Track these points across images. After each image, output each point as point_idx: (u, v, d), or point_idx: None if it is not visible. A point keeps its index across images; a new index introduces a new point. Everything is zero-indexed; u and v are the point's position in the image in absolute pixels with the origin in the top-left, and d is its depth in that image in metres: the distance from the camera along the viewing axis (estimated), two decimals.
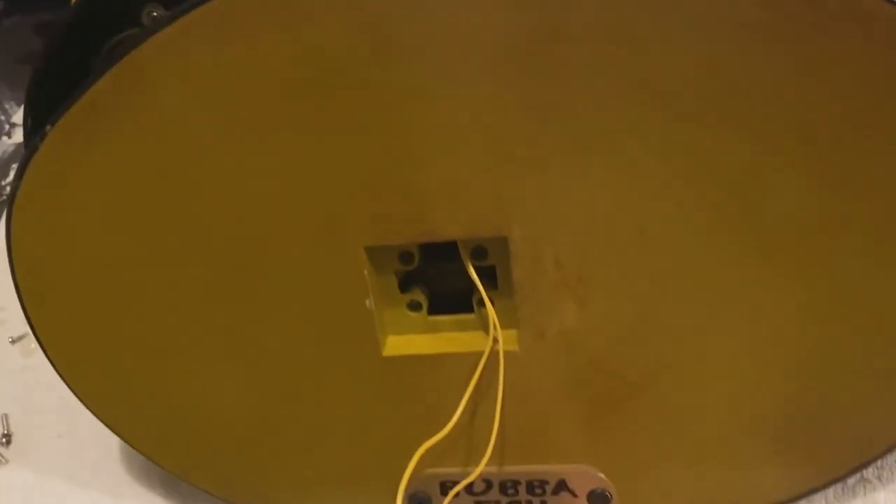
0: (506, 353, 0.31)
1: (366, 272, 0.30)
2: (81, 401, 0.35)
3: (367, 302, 0.31)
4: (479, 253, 0.30)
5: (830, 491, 0.35)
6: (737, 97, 0.25)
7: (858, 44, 0.24)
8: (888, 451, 0.32)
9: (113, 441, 0.45)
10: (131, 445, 0.37)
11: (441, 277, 0.33)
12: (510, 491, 0.32)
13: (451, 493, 0.31)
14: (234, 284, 0.31)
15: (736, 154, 0.26)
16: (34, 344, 0.34)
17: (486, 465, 0.33)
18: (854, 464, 0.32)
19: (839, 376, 0.30)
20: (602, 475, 0.33)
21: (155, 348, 0.33)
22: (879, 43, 0.23)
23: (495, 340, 0.31)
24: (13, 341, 0.53)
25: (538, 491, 0.34)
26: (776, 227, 0.27)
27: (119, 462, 0.44)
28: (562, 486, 0.33)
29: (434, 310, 0.33)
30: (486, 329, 0.32)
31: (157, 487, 0.42)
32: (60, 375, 0.34)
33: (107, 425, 0.36)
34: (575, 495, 0.33)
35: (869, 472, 0.35)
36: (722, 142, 0.26)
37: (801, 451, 0.32)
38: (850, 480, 0.35)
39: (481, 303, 0.32)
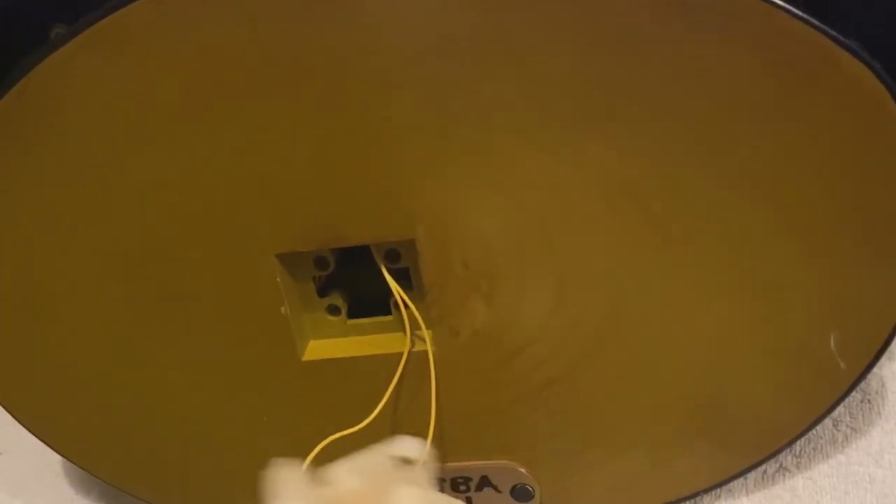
0: (424, 352, 0.32)
1: (279, 279, 0.30)
2: (11, 413, 0.35)
3: (283, 309, 0.31)
4: (392, 255, 0.31)
5: (751, 479, 0.35)
6: (621, 99, 0.26)
7: (726, 40, 0.24)
8: (801, 435, 0.32)
9: (54, 457, 0.45)
10: (65, 457, 0.37)
11: (358, 281, 0.33)
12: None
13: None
14: (151, 294, 0.31)
15: (629, 153, 0.27)
16: None
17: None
18: (770, 449, 0.33)
19: (749, 359, 0.31)
20: (523, 470, 0.34)
21: (77, 359, 0.33)
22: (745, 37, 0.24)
23: (413, 342, 0.32)
24: None
25: (462, 488, 0.34)
26: (676, 216, 0.28)
27: (61, 477, 0.44)
28: (485, 482, 0.34)
29: (354, 313, 0.33)
30: (405, 330, 0.33)
31: (99, 501, 0.42)
32: None
33: (38, 437, 0.36)
34: (499, 491, 0.34)
35: (787, 461, 0.35)
36: (614, 145, 0.27)
37: (718, 437, 0.32)
38: (770, 469, 0.35)
39: (398, 306, 0.33)
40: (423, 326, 0.31)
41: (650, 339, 0.30)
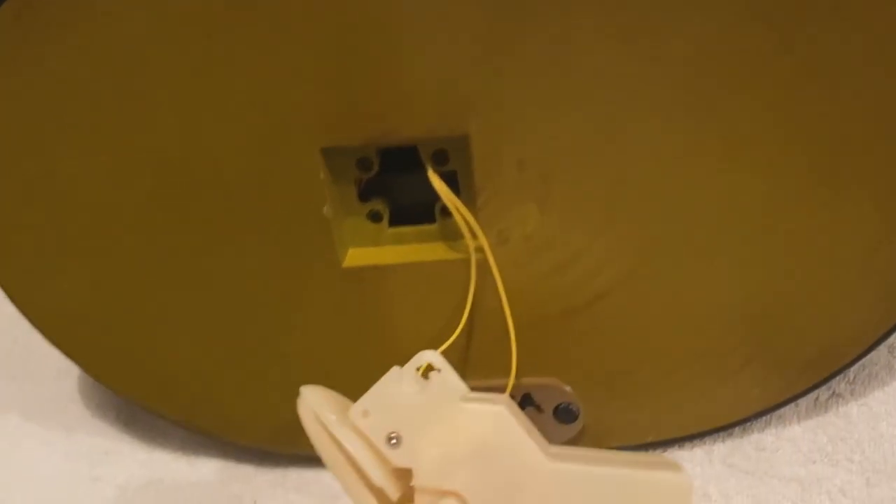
0: (467, 262, 0.30)
1: (322, 176, 0.29)
2: (33, 322, 0.34)
3: (325, 209, 0.30)
4: (439, 157, 0.29)
5: (802, 406, 0.34)
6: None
7: None
8: (857, 360, 0.31)
9: (68, 382, 0.44)
10: (89, 373, 0.35)
11: (401, 187, 0.32)
12: None
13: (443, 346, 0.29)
14: (189, 194, 0.30)
15: (710, 52, 0.25)
16: None
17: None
18: (825, 373, 0.32)
19: (810, 273, 0.29)
20: (569, 389, 0.32)
21: (108, 267, 0.31)
22: None
23: (476, 246, 0.30)
24: None
25: None
26: (747, 124, 0.27)
27: (75, 402, 0.43)
28: (527, 400, 0.32)
29: (395, 222, 0.32)
30: (449, 239, 0.31)
31: (113, 424, 0.41)
32: (14, 301, 0.33)
33: (64, 350, 0.35)
34: (541, 410, 0.33)
35: (841, 387, 0.34)
36: (697, 41, 0.25)
37: (773, 358, 0.31)
38: (822, 395, 0.34)
39: (444, 212, 0.31)
40: (477, 232, 0.29)
41: (708, 249, 0.29)
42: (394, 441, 0.24)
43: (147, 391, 0.35)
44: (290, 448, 0.36)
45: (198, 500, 0.37)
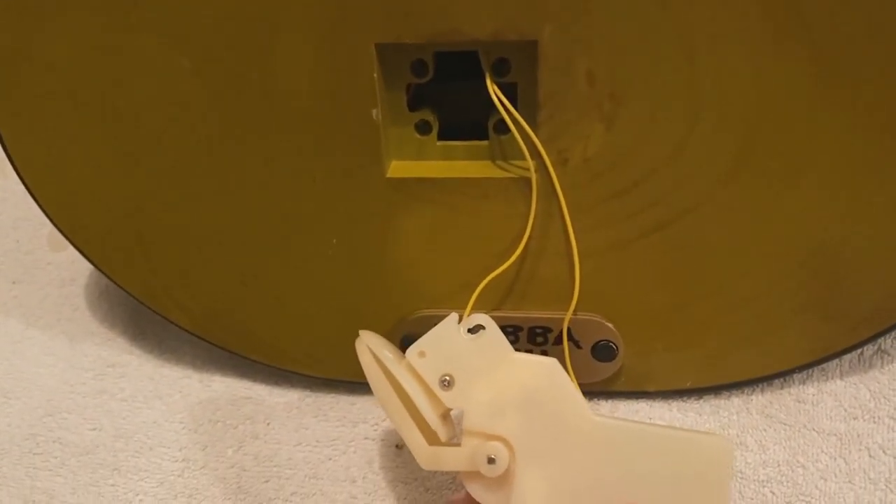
0: (517, 181, 0.28)
1: (375, 75, 0.27)
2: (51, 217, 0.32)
3: (374, 112, 0.28)
4: (500, 67, 0.27)
5: (846, 361, 0.33)
6: None
7: None
8: None
9: (73, 289, 0.42)
10: (113, 280, 0.33)
11: (454, 99, 0.30)
12: (509, 337, 0.30)
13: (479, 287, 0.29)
14: (238, 87, 0.27)
15: None
16: None
17: (487, 309, 0.31)
18: (875, 330, 0.30)
19: (876, 218, 0.28)
20: (611, 325, 0.31)
21: (145, 164, 0.30)
22: None
23: (515, 168, 0.28)
24: None
25: (539, 339, 0.31)
26: (838, 43, 0.25)
27: (81, 310, 0.41)
28: (567, 335, 0.31)
29: (444, 137, 0.30)
30: (500, 158, 0.30)
31: (120, 337, 0.39)
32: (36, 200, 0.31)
33: (75, 242, 0.33)
34: (579, 347, 0.31)
35: (887, 344, 0.33)
36: None
37: (827, 307, 0.30)
38: (868, 351, 0.33)
39: (497, 129, 0.29)
40: (540, 150, 0.27)
41: (777, 182, 0.27)
42: (446, 383, 0.25)
43: (164, 294, 0.33)
44: (311, 369, 0.34)
45: (208, 418, 0.35)
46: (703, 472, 0.23)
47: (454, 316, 0.25)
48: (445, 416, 0.25)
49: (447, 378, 0.25)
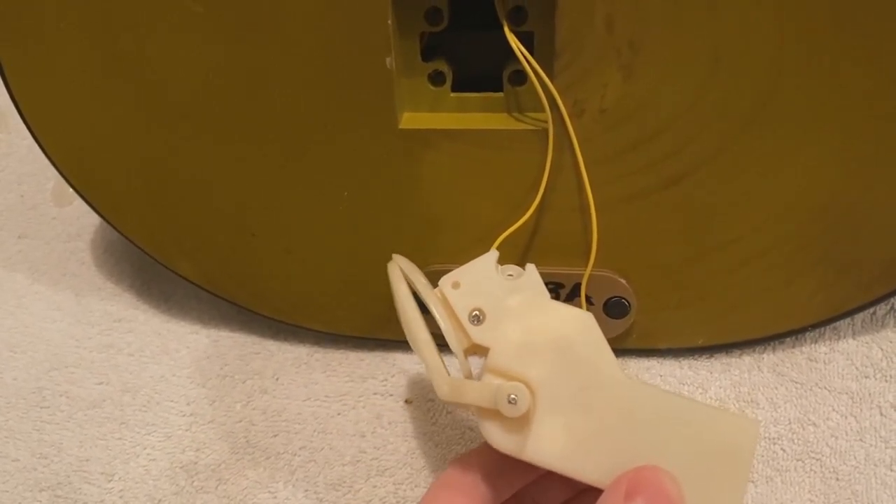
0: (531, 132, 0.28)
1: (389, 21, 0.26)
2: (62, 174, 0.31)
3: (388, 60, 0.27)
4: (517, 15, 0.27)
5: (858, 320, 0.33)
6: None
7: None
8: None
9: (79, 244, 0.42)
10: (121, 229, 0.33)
11: (468, 49, 0.29)
12: None
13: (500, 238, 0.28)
14: (250, 34, 0.27)
15: None
16: None
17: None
18: (887, 289, 0.30)
19: (886, 185, 0.27)
20: (623, 281, 0.31)
21: (156, 112, 0.29)
22: None
23: (530, 119, 0.28)
24: None
25: (551, 296, 0.31)
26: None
27: (87, 265, 0.41)
28: (578, 291, 0.31)
29: (457, 89, 0.30)
30: (515, 110, 0.29)
31: (127, 292, 0.39)
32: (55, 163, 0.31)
33: (81, 192, 0.32)
34: (591, 303, 0.31)
35: None
36: None
37: (841, 263, 0.30)
38: (881, 310, 0.33)
39: (512, 80, 0.29)
40: (557, 100, 0.27)
41: (801, 133, 0.27)
42: (476, 317, 0.24)
43: (173, 246, 0.33)
44: (321, 324, 0.34)
45: (216, 372, 0.35)
46: (726, 451, 0.22)
47: (494, 252, 0.25)
48: (468, 352, 0.25)
49: (478, 313, 0.24)
